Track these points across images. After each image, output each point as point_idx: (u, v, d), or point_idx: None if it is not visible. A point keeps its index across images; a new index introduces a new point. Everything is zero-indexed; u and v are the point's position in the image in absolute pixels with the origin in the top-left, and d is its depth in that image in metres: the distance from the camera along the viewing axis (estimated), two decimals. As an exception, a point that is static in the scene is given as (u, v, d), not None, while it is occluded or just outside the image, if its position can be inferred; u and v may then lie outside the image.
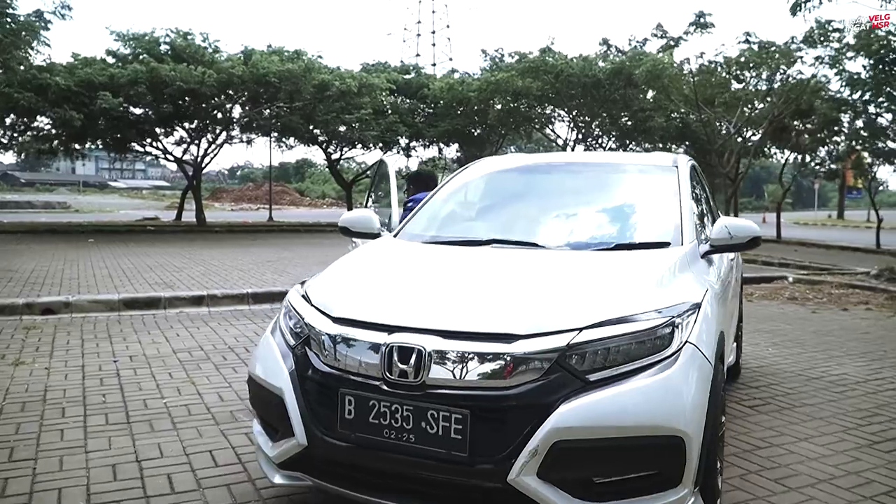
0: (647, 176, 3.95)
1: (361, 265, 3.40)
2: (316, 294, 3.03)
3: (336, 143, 28.36)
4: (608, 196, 3.88)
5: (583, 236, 3.50)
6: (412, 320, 2.60)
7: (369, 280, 3.13)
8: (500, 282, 2.91)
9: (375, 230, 4.06)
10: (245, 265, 12.68)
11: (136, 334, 6.75)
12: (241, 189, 70.80)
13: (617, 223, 3.63)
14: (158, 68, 19.70)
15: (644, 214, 3.68)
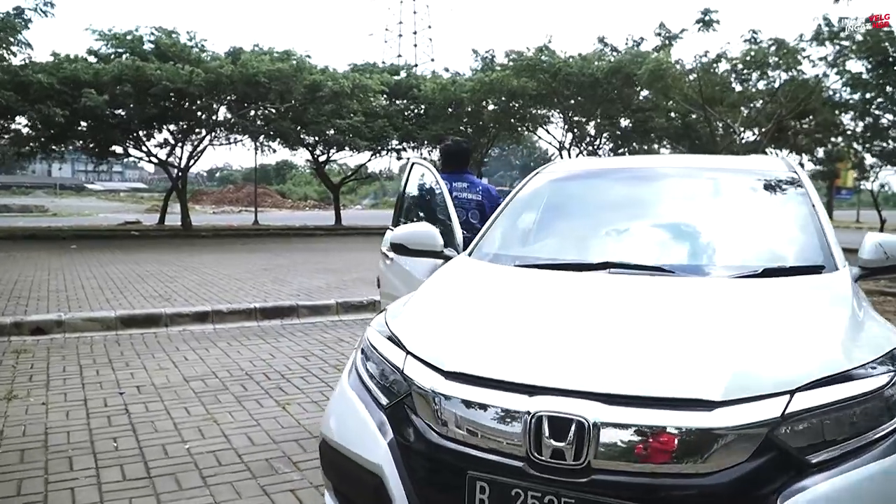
0: (766, 183, 3.36)
1: (456, 296, 2.79)
2: (410, 336, 2.41)
3: (324, 147, 27.62)
4: (726, 208, 3.28)
5: (719, 259, 2.90)
6: (563, 379, 1.98)
7: (476, 317, 2.50)
8: (656, 322, 2.30)
9: (439, 248, 3.47)
10: (240, 274, 11.98)
11: (139, 358, 6.07)
12: (222, 191, 69.71)
13: (751, 241, 3.03)
14: (144, 67, 18.86)
15: (777, 230, 3.10)
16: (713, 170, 3.57)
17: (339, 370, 5.74)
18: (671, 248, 3.00)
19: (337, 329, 7.55)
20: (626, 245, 3.08)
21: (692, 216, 3.20)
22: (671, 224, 3.18)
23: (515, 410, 1.96)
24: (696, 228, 3.12)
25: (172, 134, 24.08)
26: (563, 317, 2.41)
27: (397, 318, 2.63)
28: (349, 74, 23.21)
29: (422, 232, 3.47)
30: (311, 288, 10.20)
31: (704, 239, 3.06)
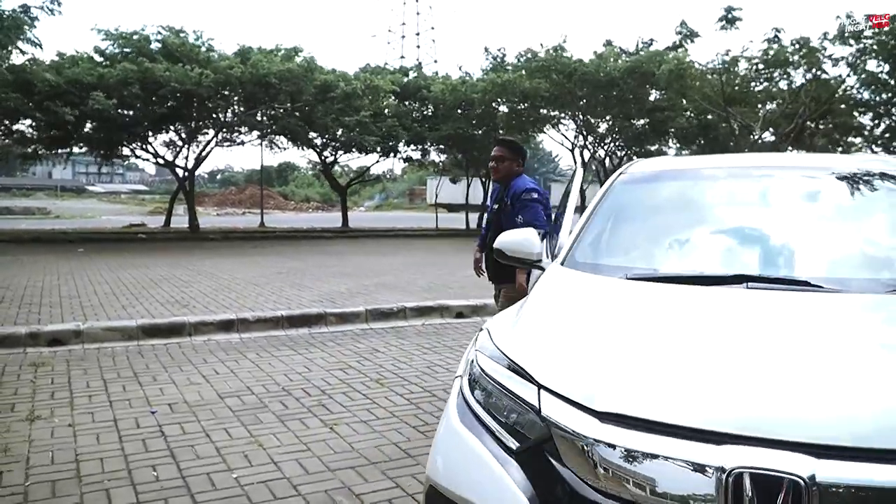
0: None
1: (577, 315, 2.40)
2: (539, 365, 2.03)
3: (332, 147, 27.24)
4: (860, 211, 2.89)
5: (867, 270, 2.51)
6: (763, 425, 1.60)
7: (613, 343, 2.10)
8: (836, 351, 1.90)
9: (535, 256, 3.11)
10: (256, 278, 11.61)
11: (165, 371, 5.68)
12: (224, 193, 69.35)
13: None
14: (152, 68, 18.49)
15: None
16: (830, 169, 3.18)
17: (382, 385, 5.37)
18: (811, 259, 2.61)
19: (369, 338, 7.17)
20: (757, 255, 2.68)
21: (824, 220, 2.81)
22: (802, 230, 2.78)
23: (703, 464, 1.58)
24: (831, 235, 2.74)
25: (179, 134, 23.72)
26: (720, 343, 2.02)
27: (512, 342, 2.25)
28: (360, 75, 22.85)
29: (521, 238, 3.18)
30: (333, 293, 9.82)
31: (844, 247, 2.67)
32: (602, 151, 27.95)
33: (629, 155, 28.41)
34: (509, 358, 2.14)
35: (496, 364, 2.16)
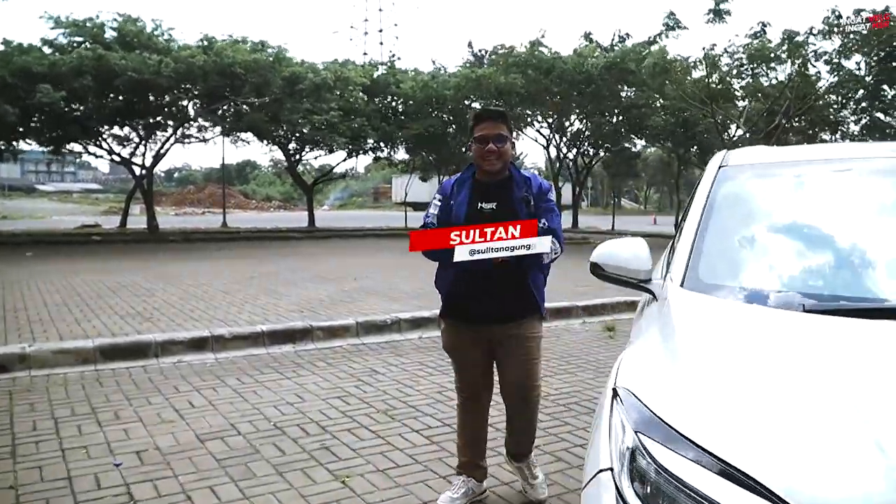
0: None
1: (770, 370, 1.64)
2: (761, 463, 1.28)
3: (299, 144, 26.19)
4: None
5: None
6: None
7: (837, 418, 1.35)
8: None
9: (643, 274, 2.35)
10: (226, 284, 10.65)
11: (130, 405, 4.76)
12: (182, 192, 67.59)
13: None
14: (107, 56, 17.29)
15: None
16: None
17: (392, 418, 4.53)
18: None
19: (363, 356, 6.31)
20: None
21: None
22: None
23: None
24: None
25: (136, 130, 22.45)
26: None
27: (696, 420, 1.48)
28: (330, 66, 21.85)
29: (626, 250, 2.44)
30: (313, 301, 8.94)
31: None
32: (574, 150, 27.41)
33: (602, 153, 27.93)
34: (713, 455, 1.36)
35: (695, 466, 1.37)
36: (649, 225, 32.77)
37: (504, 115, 3.19)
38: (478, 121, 3.12)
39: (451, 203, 3.11)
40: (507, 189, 3.11)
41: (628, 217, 42.79)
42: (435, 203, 3.16)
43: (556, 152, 25.64)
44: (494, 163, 3.07)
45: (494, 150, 3.04)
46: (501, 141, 3.05)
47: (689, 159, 28.14)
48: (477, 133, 3.08)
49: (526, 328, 3.16)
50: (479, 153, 3.07)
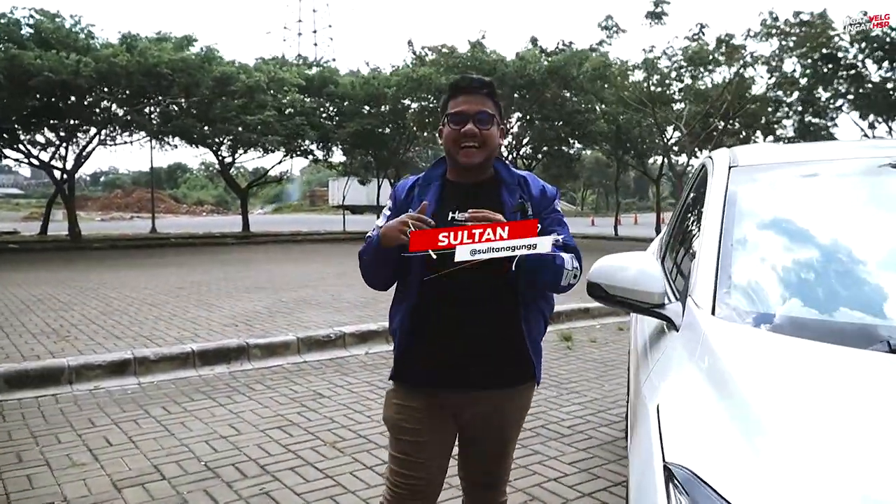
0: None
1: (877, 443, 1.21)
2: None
3: (231, 147, 25.24)
4: None
5: None
6: None
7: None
8: None
9: (657, 298, 1.92)
10: (153, 296, 9.91)
11: (36, 444, 4.12)
12: (109, 196, 65.12)
13: None
14: (21, 55, 16.14)
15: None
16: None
17: (341, 452, 4.02)
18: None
19: (306, 376, 5.77)
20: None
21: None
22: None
23: None
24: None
25: (56, 132, 21.19)
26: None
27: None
28: (263, 66, 21.05)
29: (633, 268, 1.99)
30: (249, 313, 8.34)
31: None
32: (514, 153, 27.22)
33: (541, 157, 27.82)
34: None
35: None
36: (588, 226, 32.85)
37: (491, 86, 2.19)
38: (454, 93, 2.16)
39: (407, 210, 2.13)
40: (493, 193, 2.16)
41: (567, 219, 42.86)
42: (384, 215, 2.22)
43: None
44: (474, 154, 2.09)
45: (475, 133, 2.08)
46: (486, 121, 2.10)
47: (627, 162, 28.31)
48: (451, 109, 2.13)
49: (516, 400, 2.25)
50: (452, 138, 2.10)
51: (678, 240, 2.85)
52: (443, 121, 2.18)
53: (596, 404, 4.96)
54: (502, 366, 2.14)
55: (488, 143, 2.12)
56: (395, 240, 1.98)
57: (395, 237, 1.97)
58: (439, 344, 2.12)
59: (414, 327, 2.13)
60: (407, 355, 2.17)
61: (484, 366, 2.12)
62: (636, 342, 3.03)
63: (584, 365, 6.18)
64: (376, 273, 2.18)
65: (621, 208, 34.74)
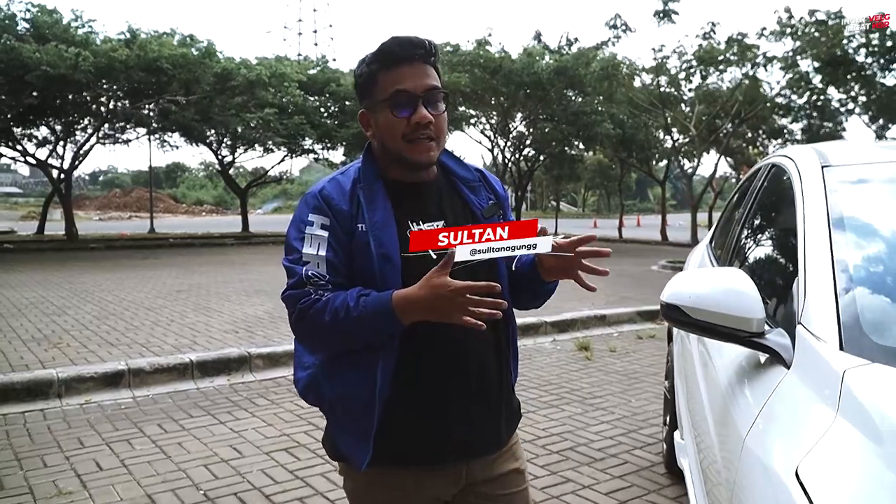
0: None
1: None
2: None
3: (231, 145, 24.89)
4: None
5: None
6: None
7: None
8: None
9: (755, 326, 1.57)
10: (150, 299, 9.56)
11: (19, 468, 3.77)
12: (108, 196, 64.83)
13: None
14: (18, 48, 15.78)
15: None
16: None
17: (353, 479, 3.66)
18: None
19: (311, 390, 5.41)
20: None
21: None
22: None
23: None
24: None
25: (53, 130, 20.83)
26: None
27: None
28: (265, 62, 20.68)
29: (719, 289, 1.61)
30: (250, 319, 7.99)
31: None
32: (517, 153, 26.89)
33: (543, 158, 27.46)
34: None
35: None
36: (590, 228, 32.52)
37: (433, 47, 1.60)
38: (386, 62, 1.56)
39: (355, 227, 1.56)
40: (455, 195, 1.69)
41: (569, 220, 42.54)
42: (316, 235, 1.54)
43: (500, 155, 25.01)
44: (432, 149, 1.58)
45: (430, 121, 1.55)
46: (438, 102, 1.58)
47: (631, 164, 27.96)
48: (390, 88, 1.54)
49: (516, 452, 1.82)
50: (397, 130, 1.55)
51: (744, 251, 2.50)
52: (373, 104, 1.59)
53: (625, 423, 4.61)
54: (505, 409, 1.73)
55: (442, 130, 1.60)
56: (443, 314, 1.42)
57: (446, 312, 1.41)
58: (434, 401, 1.59)
59: (400, 386, 1.55)
60: (389, 427, 1.55)
61: (492, 417, 1.68)
62: (691, 367, 2.68)
63: (607, 378, 5.83)
64: (350, 342, 1.53)
65: (626, 210, 34.39)
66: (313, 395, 1.65)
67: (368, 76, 1.59)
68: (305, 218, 1.56)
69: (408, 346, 1.53)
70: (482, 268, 1.53)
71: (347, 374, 1.56)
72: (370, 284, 1.52)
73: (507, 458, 1.75)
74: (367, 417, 1.53)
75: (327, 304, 1.48)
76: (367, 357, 1.53)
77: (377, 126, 1.60)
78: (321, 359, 1.63)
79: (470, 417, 1.62)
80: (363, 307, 1.46)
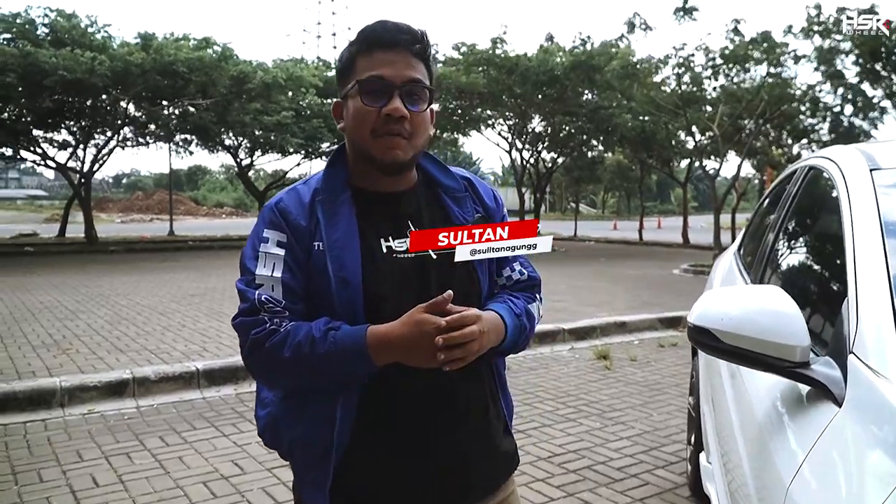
0: None
1: None
2: None
3: (249, 149, 24.87)
4: None
5: None
6: None
7: None
8: None
9: (797, 355, 1.36)
10: (164, 304, 9.47)
11: (14, 483, 3.62)
12: (130, 199, 65.42)
13: None
14: (35, 53, 15.82)
15: None
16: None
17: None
18: None
19: (320, 400, 5.24)
20: None
21: None
22: None
23: None
24: None
25: (73, 134, 20.92)
26: None
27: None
28: (281, 64, 20.63)
29: (755, 310, 1.41)
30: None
31: None
32: (535, 154, 26.63)
33: (560, 159, 27.18)
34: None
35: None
36: (610, 230, 32.15)
37: (425, 39, 1.42)
38: (367, 46, 1.39)
39: (313, 245, 1.37)
40: (435, 206, 1.49)
41: (588, 222, 42.14)
42: (271, 254, 1.36)
43: (518, 157, 24.74)
44: (399, 147, 1.37)
45: (404, 115, 1.35)
46: (418, 97, 1.38)
47: (651, 165, 27.60)
48: (363, 73, 1.37)
49: (510, 495, 1.58)
50: (365, 120, 1.36)
51: (779, 263, 2.28)
52: (346, 90, 1.40)
53: (646, 439, 4.39)
54: (496, 453, 1.52)
55: (420, 131, 1.39)
56: (416, 356, 1.26)
57: (420, 353, 1.25)
58: (410, 444, 1.39)
59: (366, 426, 1.36)
60: (352, 474, 1.37)
61: (478, 465, 1.46)
62: (719, 387, 2.47)
63: (627, 389, 5.60)
64: (313, 380, 1.35)
65: (646, 212, 33.99)
66: (269, 435, 1.48)
67: (347, 59, 1.41)
68: (261, 234, 1.39)
69: (376, 378, 1.33)
70: (460, 298, 1.32)
71: (305, 411, 1.38)
72: (328, 310, 1.34)
73: (505, 493, 1.53)
74: (324, 464, 1.35)
75: (287, 336, 1.29)
76: (329, 400, 1.35)
77: (344, 114, 1.42)
78: (279, 395, 1.45)
79: (455, 461, 1.42)
80: (331, 343, 1.28)
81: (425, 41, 1.41)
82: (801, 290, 1.98)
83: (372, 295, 1.34)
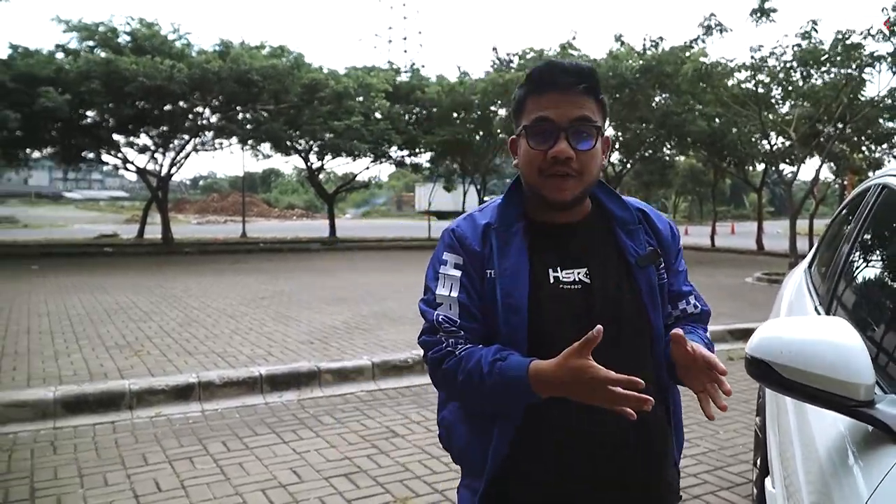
0: None
1: None
2: None
3: (319, 152, 25.33)
4: None
5: None
6: None
7: None
8: None
9: (861, 394, 1.27)
10: (233, 307, 9.69)
11: (80, 486, 3.74)
12: (206, 200, 67.46)
13: None
14: (117, 61, 16.48)
15: None
16: None
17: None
18: None
19: (380, 408, 5.26)
20: None
21: None
22: None
23: None
24: None
25: (152, 139, 21.71)
26: None
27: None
28: (352, 73, 20.95)
29: (817, 343, 1.32)
30: (326, 329, 7.95)
31: None
32: (605, 159, 26.18)
33: (630, 163, 26.69)
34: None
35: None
36: (682, 235, 31.42)
37: (593, 76, 1.44)
38: (535, 87, 1.43)
39: (486, 272, 1.45)
40: (606, 239, 1.51)
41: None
42: (449, 275, 1.45)
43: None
44: (567, 186, 1.41)
45: (570, 157, 1.39)
46: (586, 136, 1.41)
47: (725, 169, 26.82)
48: (531, 115, 1.42)
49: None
50: (534, 162, 1.42)
51: (848, 291, 2.15)
52: (518, 131, 1.47)
53: (712, 458, 4.24)
54: (658, 491, 1.54)
55: (588, 169, 1.42)
56: (578, 396, 1.28)
57: (581, 394, 1.27)
58: (557, 477, 1.45)
59: (518, 449, 1.45)
60: (504, 492, 1.47)
61: (638, 499, 1.50)
62: (784, 411, 2.35)
63: (694, 404, 5.39)
64: (484, 406, 1.45)
65: (718, 217, 33.07)
66: (445, 440, 1.61)
67: (518, 100, 1.49)
68: (440, 256, 1.50)
69: (539, 417, 1.41)
70: (629, 331, 1.41)
71: (470, 424, 1.50)
72: (496, 333, 1.42)
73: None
74: (480, 476, 1.47)
75: (460, 363, 1.38)
76: (493, 426, 1.45)
77: (517, 153, 1.50)
78: (455, 403, 1.57)
79: (616, 489, 1.46)
80: (498, 374, 1.33)
81: (594, 78, 1.44)
82: (869, 320, 1.86)
83: (536, 323, 1.40)
